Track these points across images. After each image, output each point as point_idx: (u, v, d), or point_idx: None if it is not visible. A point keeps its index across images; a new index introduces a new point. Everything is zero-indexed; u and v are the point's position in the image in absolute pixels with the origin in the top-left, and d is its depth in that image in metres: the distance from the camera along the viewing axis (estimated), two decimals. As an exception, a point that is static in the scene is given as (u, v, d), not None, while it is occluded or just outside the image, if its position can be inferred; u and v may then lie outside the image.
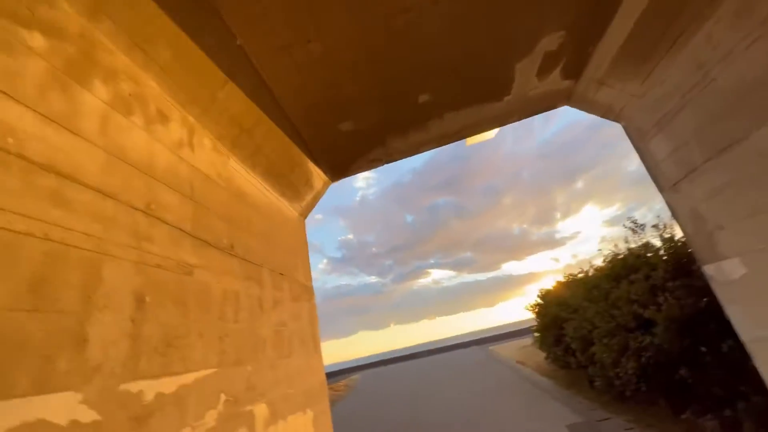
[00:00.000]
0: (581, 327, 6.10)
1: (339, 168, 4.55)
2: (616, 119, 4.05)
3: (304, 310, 3.79)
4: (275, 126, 3.23)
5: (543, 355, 14.16)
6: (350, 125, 3.71)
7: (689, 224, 3.41)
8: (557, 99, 4.17)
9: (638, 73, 3.44)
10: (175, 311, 1.87)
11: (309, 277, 4.27)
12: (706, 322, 3.48)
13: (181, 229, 2.08)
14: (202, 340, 2.03)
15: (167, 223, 1.98)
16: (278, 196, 3.82)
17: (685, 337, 3.67)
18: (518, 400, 8.72)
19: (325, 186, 4.68)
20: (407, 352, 42.23)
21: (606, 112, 4.04)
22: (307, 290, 4.05)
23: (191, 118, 2.47)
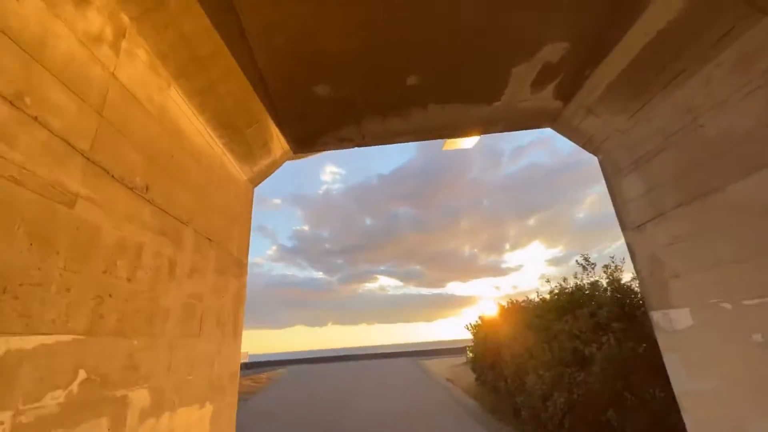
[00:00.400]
0: (518, 354, 6.11)
1: (304, 139, 4.11)
2: (594, 151, 4.01)
3: (231, 286, 3.29)
4: (237, 66, 2.75)
5: (473, 376, 14.38)
6: (326, 90, 3.31)
7: (646, 268, 3.39)
8: (543, 119, 4.06)
9: (628, 107, 3.39)
10: (30, 248, 1.36)
11: (245, 252, 3.77)
12: (639, 368, 3.52)
13: (69, 144, 1.56)
14: (68, 295, 1.52)
15: (48, 129, 1.47)
16: (226, 150, 3.30)
17: (619, 379, 3.70)
18: (443, 421, 8.63)
19: (284, 157, 4.21)
20: (340, 353, 41.65)
21: (587, 142, 3.99)
22: (239, 265, 3.54)
23: (124, 17, 1.95)
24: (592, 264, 5.55)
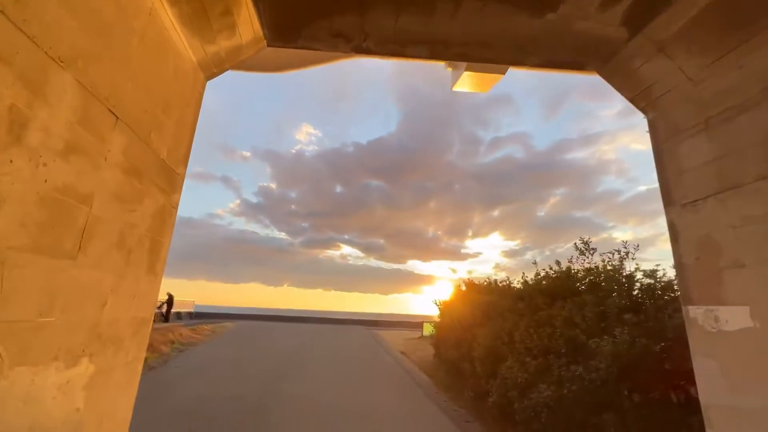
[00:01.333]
0: (495, 337, 5.65)
1: (285, 25, 3.04)
2: (646, 107, 3.28)
3: (151, 201, 2.30)
4: None
5: (428, 351, 14.29)
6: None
7: (692, 252, 2.78)
8: (595, 55, 3.25)
9: (715, 47, 2.64)
10: None
11: (182, 161, 2.75)
12: (651, 369, 3.05)
13: None
14: None
15: None
16: (170, 14, 2.21)
17: (625, 378, 3.24)
18: (394, 393, 8.25)
19: (255, 45, 3.12)
20: (294, 315, 41.27)
21: (640, 93, 3.24)
22: (169, 176, 2.54)
23: None
24: (592, 249, 5.05)
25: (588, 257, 5.02)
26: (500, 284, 7.40)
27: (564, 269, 5.25)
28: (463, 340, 7.26)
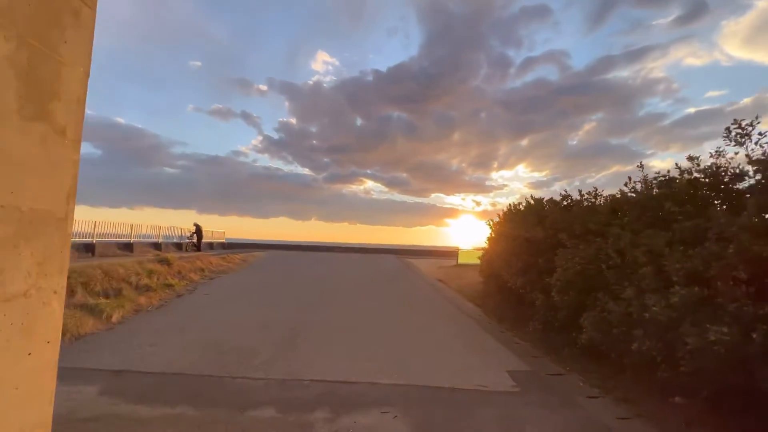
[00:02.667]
0: (591, 259, 4.30)
1: None
2: None
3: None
4: None
5: (468, 278, 13.45)
6: None
7: None
8: None
9: None
10: None
11: None
12: None
13: None
14: None
15: None
16: None
17: None
18: (443, 323, 7.40)
19: None
20: (323, 245, 42.13)
21: None
22: None
23: None
24: (746, 133, 3.28)
25: (746, 144, 3.28)
26: (584, 197, 5.83)
27: (711, 165, 3.59)
28: (532, 265, 6.01)
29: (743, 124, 3.62)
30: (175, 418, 3.31)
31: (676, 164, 4.26)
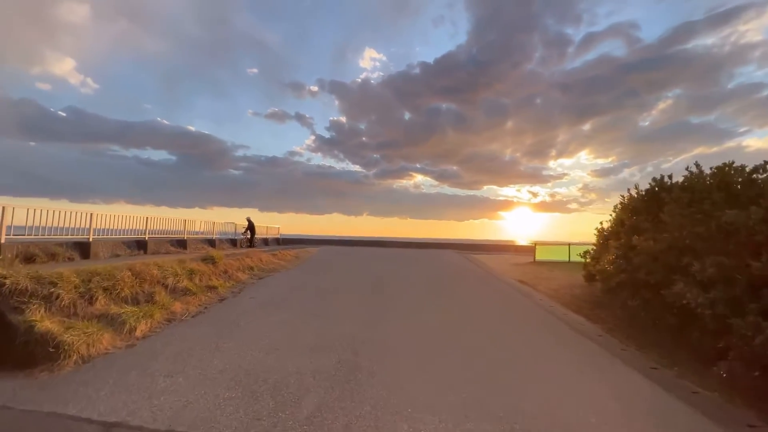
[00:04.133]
0: None
1: None
2: None
3: None
4: None
5: (560, 281, 11.00)
6: None
7: None
8: None
9: None
10: None
11: None
12: None
13: None
14: None
15: None
16: None
17: None
18: (554, 346, 5.31)
19: None
20: (375, 240, 40.92)
21: None
22: None
23: None
24: None
25: None
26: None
27: None
28: (735, 270, 3.73)
29: None
30: None
31: None
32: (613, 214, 7.74)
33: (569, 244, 17.06)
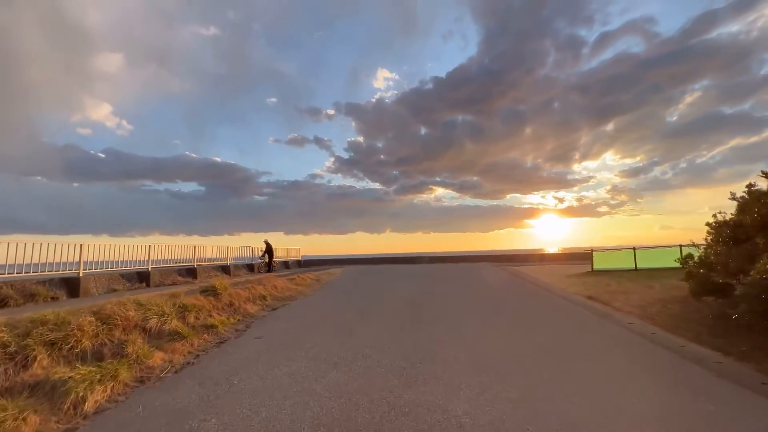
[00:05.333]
0: None
1: None
2: None
3: None
4: None
5: (640, 296, 8.84)
6: None
7: None
8: None
9: None
10: None
11: None
12: None
13: None
14: None
15: None
16: None
17: None
18: (709, 415, 3.37)
19: None
20: (401, 256, 39.03)
21: None
22: None
23: None
24: None
25: None
26: None
27: None
28: None
29: None
30: None
31: None
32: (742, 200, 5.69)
33: (634, 249, 14.64)
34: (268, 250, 18.89)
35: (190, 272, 13.10)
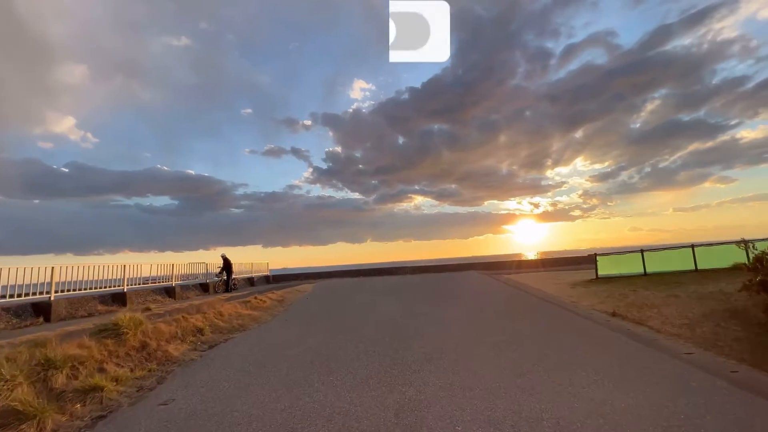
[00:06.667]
0: None
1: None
2: None
3: None
4: None
5: (660, 305, 7.17)
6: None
7: None
8: None
9: None
10: None
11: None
12: None
13: None
14: None
15: None
16: None
17: None
18: None
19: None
20: (382, 266, 36.95)
21: None
22: None
23: None
24: None
25: None
26: None
27: None
28: None
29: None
30: None
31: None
32: None
33: (642, 251, 13.25)
34: (226, 266, 16.50)
35: (118, 298, 10.70)
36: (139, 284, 11.93)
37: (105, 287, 10.71)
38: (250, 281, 21.42)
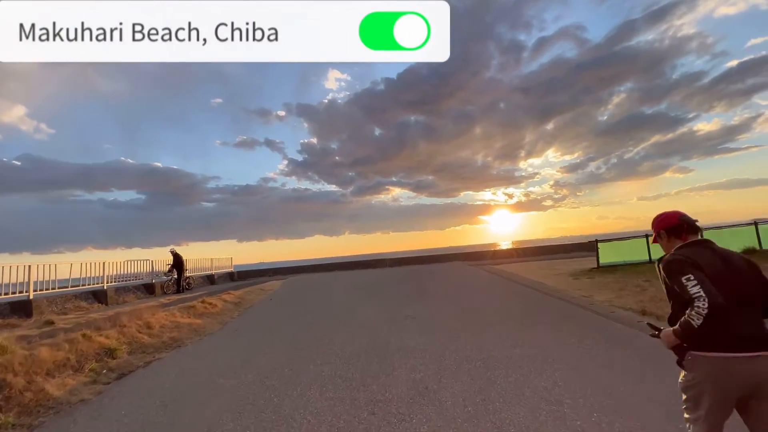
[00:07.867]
0: None
1: None
2: None
3: None
4: None
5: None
6: None
7: None
8: None
9: None
10: None
11: None
12: None
13: None
14: None
15: None
16: None
17: None
18: None
19: None
20: (361, 259, 35.22)
21: None
22: None
23: None
24: None
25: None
26: None
27: None
28: None
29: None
30: None
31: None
32: None
33: (646, 236, 12.16)
34: (177, 263, 14.38)
35: (21, 307, 8.55)
36: (54, 288, 9.75)
37: (7, 293, 8.55)
38: (210, 279, 19.29)
